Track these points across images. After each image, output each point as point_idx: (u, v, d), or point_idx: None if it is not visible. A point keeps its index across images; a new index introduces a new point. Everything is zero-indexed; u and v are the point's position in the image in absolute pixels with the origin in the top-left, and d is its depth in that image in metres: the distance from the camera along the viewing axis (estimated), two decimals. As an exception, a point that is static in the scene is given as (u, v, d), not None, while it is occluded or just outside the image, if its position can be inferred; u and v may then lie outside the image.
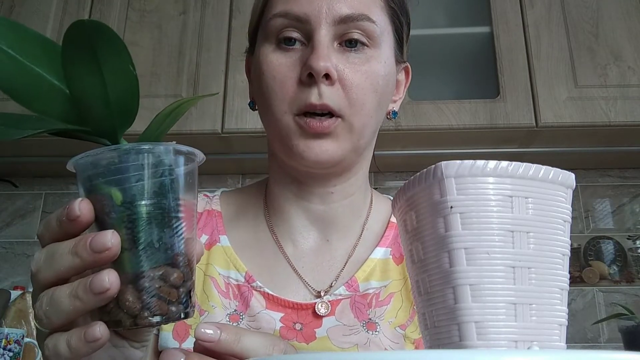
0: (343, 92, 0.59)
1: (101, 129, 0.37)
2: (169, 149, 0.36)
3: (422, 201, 0.35)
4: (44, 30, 1.55)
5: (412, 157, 1.56)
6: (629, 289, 1.59)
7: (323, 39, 0.58)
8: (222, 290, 0.64)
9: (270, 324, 0.61)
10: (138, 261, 0.35)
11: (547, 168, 0.34)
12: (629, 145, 1.52)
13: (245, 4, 1.54)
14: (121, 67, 0.35)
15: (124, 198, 0.34)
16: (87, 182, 0.36)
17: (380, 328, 0.62)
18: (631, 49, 1.45)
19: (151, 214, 0.35)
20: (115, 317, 0.35)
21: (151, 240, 0.35)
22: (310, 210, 0.67)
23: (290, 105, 0.59)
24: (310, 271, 0.65)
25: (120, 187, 0.34)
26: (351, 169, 0.66)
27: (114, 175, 0.35)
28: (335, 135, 0.59)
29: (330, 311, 0.62)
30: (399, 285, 0.65)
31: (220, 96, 1.45)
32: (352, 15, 0.59)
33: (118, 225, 0.35)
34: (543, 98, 1.41)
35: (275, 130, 0.61)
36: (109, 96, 0.36)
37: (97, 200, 0.35)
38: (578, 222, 1.65)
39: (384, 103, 0.64)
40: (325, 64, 0.57)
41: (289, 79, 0.59)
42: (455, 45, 1.58)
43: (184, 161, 0.38)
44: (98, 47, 0.34)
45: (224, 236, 0.68)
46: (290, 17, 0.60)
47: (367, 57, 0.60)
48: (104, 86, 0.35)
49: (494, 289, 0.32)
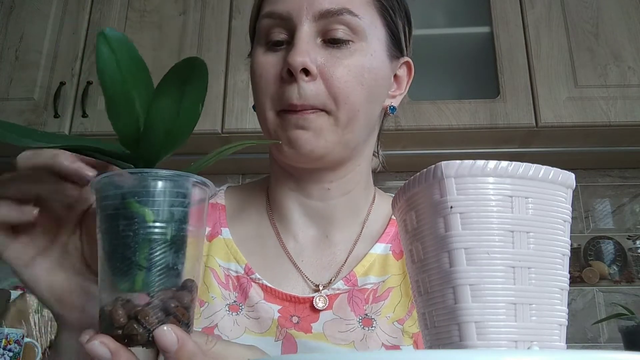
0: (325, 87, 0.59)
1: (150, 152, 0.39)
2: (198, 181, 0.39)
3: (422, 201, 0.35)
4: (44, 30, 1.55)
5: (412, 157, 1.55)
6: (629, 289, 1.59)
7: (303, 35, 0.59)
8: (222, 281, 0.64)
9: (269, 313, 0.62)
10: (151, 280, 0.36)
11: (547, 168, 0.34)
12: (629, 145, 1.52)
13: (245, 4, 1.54)
14: (194, 104, 0.38)
15: (155, 218, 0.36)
16: (119, 198, 0.37)
17: (377, 324, 0.62)
18: (631, 49, 1.45)
19: (174, 237, 0.37)
20: (130, 332, 0.36)
21: (168, 262, 0.36)
22: (308, 206, 0.68)
23: (273, 102, 0.61)
24: (310, 266, 0.66)
25: (153, 208, 0.36)
26: (345, 164, 0.66)
27: (148, 197, 0.36)
28: (318, 126, 0.60)
29: (328, 305, 0.63)
30: (398, 280, 0.66)
31: (220, 96, 1.45)
32: (333, 10, 0.60)
33: (142, 243, 0.36)
34: (543, 98, 1.41)
35: (265, 126, 0.64)
36: (174, 127, 0.38)
37: (126, 216, 0.36)
38: (578, 222, 1.65)
39: (375, 97, 0.64)
40: (302, 58, 0.58)
41: (272, 75, 0.61)
42: (455, 45, 1.58)
43: (199, 192, 0.40)
44: (188, 82, 0.38)
45: (225, 229, 0.69)
46: (275, 16, 0.61)
47: (350, 51, 0.61)
48: (177, 118, 0.38)
49: (494, 289, 0.32)
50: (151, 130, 0.38)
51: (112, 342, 0.36)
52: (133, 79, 0.39)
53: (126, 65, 0.39)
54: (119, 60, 0.39)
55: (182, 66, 0.37)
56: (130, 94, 0.39)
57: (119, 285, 0.37)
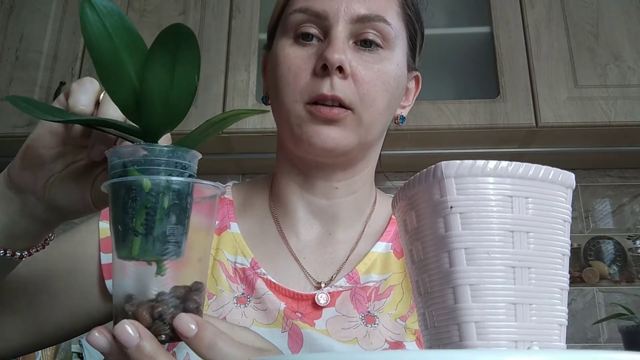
0: (355, 87, 0.61)
1: (150, 125, 0.40)
2: (196, 155, 0.40)
3: (422, 201, 0.35)
4: (44, 30, 1.55)
5: (412, 157, 1.55)
6: (629, 289, 1.59)
7: (340, 34, 0.61)
8: (230, 274, 0.65)
9: (275, 304, 0.62)
10: (148, 247, 0.37)
11: (547, 168, 0.34)
12: (629, 145, 1.52)
13: (245, 4, 1.54)
14: (189, 75, 0.38)
15: (152, 187, 0.37)
16: (121, 166, 0.38)
17: (379, 321, 0.63)
18: (631, 49, 1.45)
19: (171, 207, 0.38)
20: (157, 332, 0.37)
21: (165, 230, 0.37)
22: (314, 204, 0.68)
23: (302, 95, 0.62)
24: (312, 263, 0.67)
25: (151, 177, 0.37)
26: (356, 164, 0.67)
27: (147, 166, 0.38)
28: (344, 124, 0.61)
29: (330, 302, 0.63)
30: (399, 278, 0.66)
31: (220, 96, 1.45)
32: (369, 16, 0.62)
33: (140, 210, 0.37)
34: (543, 98, 1.41)
35: (286, 119, 0.63)
36: (169, 97, 0.38)
37: (126, 185, 0.37)
38: (578, 222, 1.65)
39: (394, 104, 0.66)
40: (339, 56, 0.59)
41: (303, 70, 0.62)
42: (455, 45, 1.58)
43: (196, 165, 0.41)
44: (179, 50, 0.37)
45: (234, 223, 0.69)
46: (309, 12, 0.63)
47: (380, 57, 0.63)
48: (171, 88, 0.38)
49: (494, 289, 0.32)
50: (149, 102, 0.38)
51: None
52: (125, 47, 0.39)
53: (117, 32, 0.38)
54: (108, 27, 0.38)
55: (169, 33, 0.36)
56: (124, 64, 0.39)
57: (119, 252, 0.38)
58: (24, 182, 0.47)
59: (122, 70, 0.39)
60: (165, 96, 0.38)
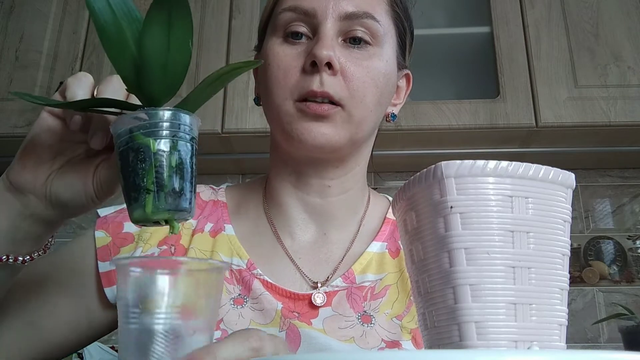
0: (344, 83, 0.61)
1: (151, 92, 0.42)
2: (196, 120, 0.43)
3: (422, 201, 0.35)
4: (44, 30, 1.55)
5: (412, 157, 1.55)
6: (629, 289, 1.59)
7: (328, 31, 0.62)
8: (226, 276, 0.65)
9: (272, 304, 0.62)
10: (160, 204, 0.40)
11: (547, 168, 0.34)
12: (629, 145, 1.52)
13: (245, 4, 1.54)
14: (184, 39, 0.41)
15: (158, 147, 0.40)
16: (127, 133, 0.41)
17: (376, 320, 0.63)
18: (631, 49, 1.45)
19: (178, 164, 0.41)
20: None
21: (174, 186, 0.41)
22: (308, 203, 0.68)
23: (292, 92, 0.62)
24: (307, 263, 0.67)
25: (156, 138, 0.40)
26: (348, 162, 0.67)
27: (151, 129, 0.41)
28: (334, 121, 0.61)
29: (326, 302, 0.63)
30: (394, 277, 0.67)
31: (220, 96, 1.44)
32: (357, 13, 0.62)
33: (149, 170, 0.40)
34: (543, 98, 1.41)
35: (277, 117, 0.64)
36: (167, 62, 0.41)
37: (134, 148, 0.40)
38: (578, 222, 1.65)
39: (384, 101, 0.66)
40: (328, 52, 0.60)
41: (293, 67, 0.62)
42: (455, 45, 1.58)
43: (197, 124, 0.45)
44: (172, 13, 0.40)
45: (229, 225, 0.69)
46: (298, 11, 0.63)
47: (369, 54, 0.63)
48: (167, 51, 0.41)
49: (494, 289, 0.32)
50: (148, 68, 0.41)
51: None
52: (124, 20, 0.42)
53: (118, 7, 0.42)
54: (111, 4, 0.42)
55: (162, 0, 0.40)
56: (124, 34, 0.42)
57: (134, 214, 0.41)
58: (24, 182, 0.47)
59: (123, 40, 0.42)
60: (163, 59, 0.41)
